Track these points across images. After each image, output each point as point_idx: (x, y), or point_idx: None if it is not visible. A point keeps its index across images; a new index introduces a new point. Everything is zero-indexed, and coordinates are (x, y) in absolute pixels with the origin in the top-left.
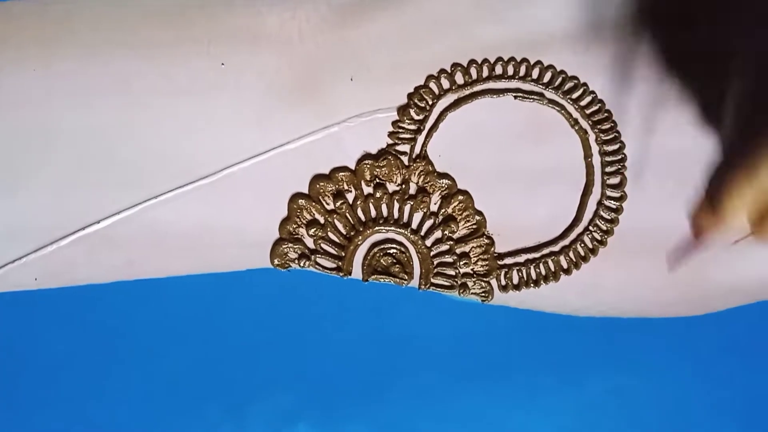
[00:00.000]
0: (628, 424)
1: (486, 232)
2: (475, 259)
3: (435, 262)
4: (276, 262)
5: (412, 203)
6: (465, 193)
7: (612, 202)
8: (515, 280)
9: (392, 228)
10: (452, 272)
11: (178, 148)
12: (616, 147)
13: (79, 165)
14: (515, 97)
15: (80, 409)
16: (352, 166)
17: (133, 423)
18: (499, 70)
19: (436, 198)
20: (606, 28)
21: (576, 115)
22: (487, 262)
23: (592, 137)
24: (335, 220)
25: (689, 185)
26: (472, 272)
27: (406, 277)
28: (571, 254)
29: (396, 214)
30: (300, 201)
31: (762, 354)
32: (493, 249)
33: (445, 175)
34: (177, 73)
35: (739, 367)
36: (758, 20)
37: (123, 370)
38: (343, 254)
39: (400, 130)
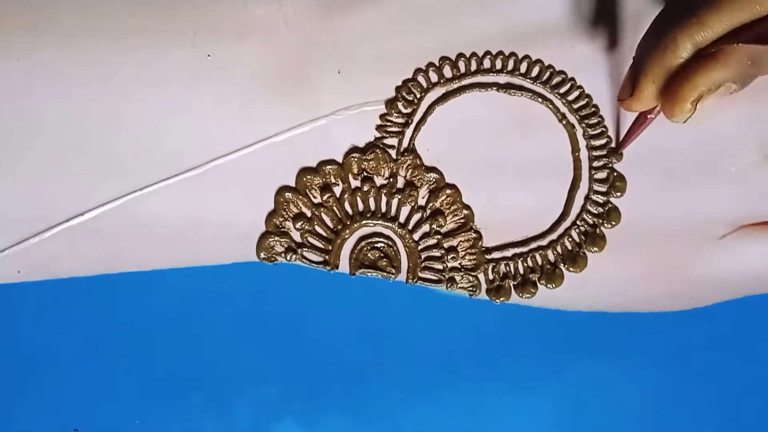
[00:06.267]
0: (613, 417)
1: (474, 227)
2: (463, 253)
3: (422, 256)
4: (262, 255)
5: (399, 197)
6: (453, 187)
7: (599, 196)
8: (503, 275)
9: (380, 222)
10: (440, 266)
11: (162, 138)
12: (603, 142)
13: (62, 155)
14: (503, 91)
15: (62, 400)
16: (340, 159)
17: (117, 414)
18: (487, 63)
19: (423, 192)
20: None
21: (563, 109)
22: (474, 257)
23: (579, 132)
24: (322, 214)
25: (676, 177)
26: (459, 266)
27: (394, 271)
28: (558, 248)
29: (383, 208)
30: (287, 194)
31: (748, 349)
32: (480, 243)
33: (433, 169)
34: (161, 63)
35: (725, 362)
36: None
37: (106, 362)
38: (330, 248)
39: (388, 124)
